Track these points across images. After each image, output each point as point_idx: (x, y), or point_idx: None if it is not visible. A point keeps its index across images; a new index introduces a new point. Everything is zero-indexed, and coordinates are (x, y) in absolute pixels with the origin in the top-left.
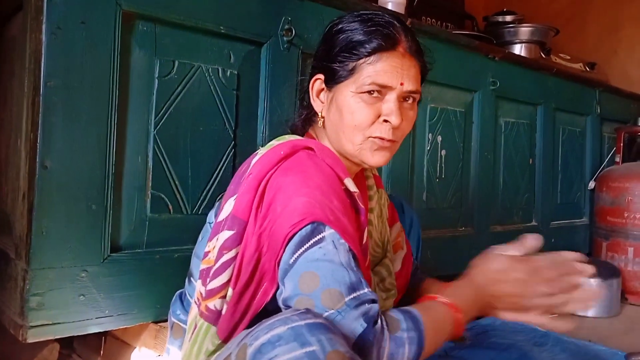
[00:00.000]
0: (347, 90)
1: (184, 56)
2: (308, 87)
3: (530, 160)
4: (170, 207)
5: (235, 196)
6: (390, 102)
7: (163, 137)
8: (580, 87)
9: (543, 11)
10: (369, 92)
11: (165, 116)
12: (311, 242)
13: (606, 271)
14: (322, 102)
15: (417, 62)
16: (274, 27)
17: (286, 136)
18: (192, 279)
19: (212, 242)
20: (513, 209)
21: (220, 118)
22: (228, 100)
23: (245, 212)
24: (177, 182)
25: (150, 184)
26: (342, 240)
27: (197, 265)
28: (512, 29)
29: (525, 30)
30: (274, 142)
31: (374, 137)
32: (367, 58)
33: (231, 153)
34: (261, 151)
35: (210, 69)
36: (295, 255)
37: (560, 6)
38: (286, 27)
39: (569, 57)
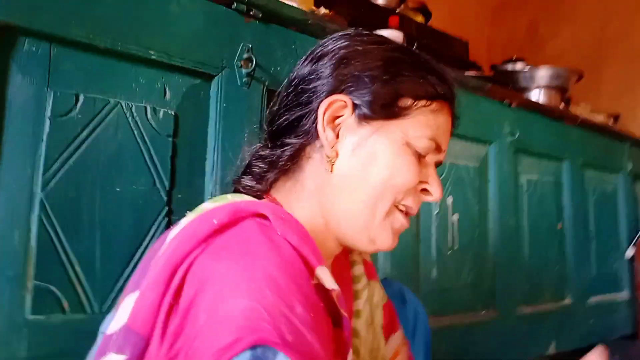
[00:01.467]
0: (396, 134)
1: (93, 88)
2: (297, 109)
3: (559, 225)
4: (66, 304)
5: (136, 293)
6: (432, 169)
7: (56, 202)
8: (608, 141)
9: (552, 64)
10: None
11: (61, 172)
12: None
13: None
14: (337, 138)
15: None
16: (229, 56)
17: (227, 195)
18: None
19: None
20: (543, 284)
21: (147, 174)
22: (160, 150)
23: (145, 322)
24: (76, 267)
25: (32, 272)
26: None
27: None
28: (527, 73)
29: (544, 74)
30: (207, 205)
31: (402, 209)
32: (431, 103)
33: (163, 223)
34: (185, 219)
35: (133, 108)
36: None
37: (573, 58)
38: (245, 56)
39: (590, 108)
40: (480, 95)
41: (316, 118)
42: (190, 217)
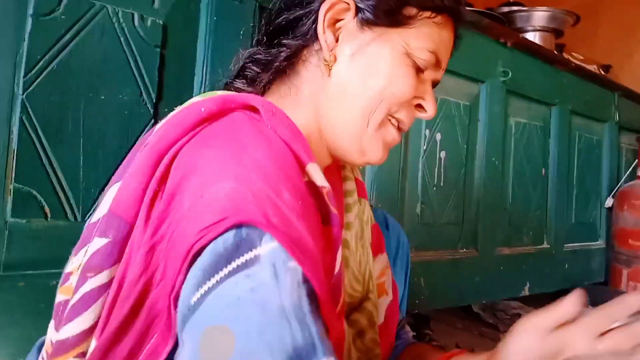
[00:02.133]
0: (397, 43)
1: None
2: (296, 9)
3: (543, 170)
4: (47, 209)
5: (119, 183)
6: (428, 85)
7: (38, 104)
8: (599, 90)
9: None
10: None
11: (44, 74)
12: (233, 264)
13: None
14: (337, 42)
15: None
16: None
17: (217, 92)
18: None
19: (77, 256)
20: (523, 227)
21: (133, 84)
22: (147, 60)
23: (129, 207)
24: (59, 174)
25: (12, 175)
26: (292, 263)
27: None
28: (524, 14)
29: (540, 15)
30: (196, 99)
31: (395, 121)
32: (436, 15)
33: None
34: (175, 111)
35: (120, 13)
36: (202, 290)
37: (570, 4)
38: None
39: (582, 57)
40: (476, 32)
41: (316, 19)
42: (177, 109)
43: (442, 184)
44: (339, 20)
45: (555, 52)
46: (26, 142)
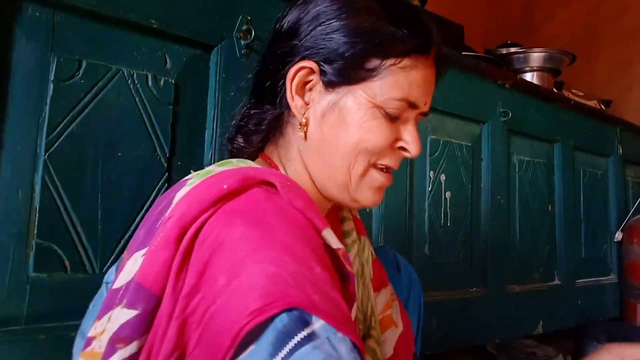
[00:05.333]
0: (363, 98)
1: (95, 55)
2: (273, 75)
3: (550, 206)
4: (67, 263)
5: (144, 250)
6: (410, 125)
7: (59, 163)
8: (600, 125)
9: (546, 47)
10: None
11: (64, 135)
12: (297, 338)
13: None
14: (307, 104)
15: (438, 74)
16: (228, 27)
17: (232, 160)
18: None
19: (101, 320)
20: (532, 264)
21: (148, 141)
22: (161, 117)
23: (157, 280)
24: (78, 228)
25: (35, 231)
26: (340, 334)
27: (80, 347)
28: (522, 55)
29: (537, 56)
30: (213, 168)
31: (380, 168)
32: (400, 60)
33: (163, 189)
34: (192, 180)
35: (135, 75)
36: (278, 358)
37: (566, 42)
38: (244, 27)
39: (582, 94)
40: (475, 75)
41: (285, 85)
42: (196, 179)
43: (449, 224)
44: (307, 82)
45: (554, 90)
46: (48, 200)
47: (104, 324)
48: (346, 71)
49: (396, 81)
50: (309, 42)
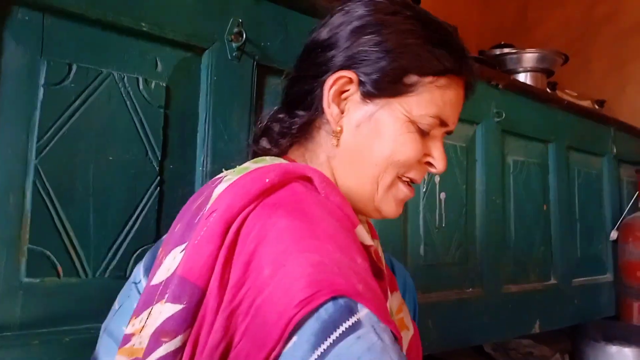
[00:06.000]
0: (399, 112)
1: (85, 58)
2: (308, 82)
3: (545, 206)
4: (60, 268)
5: (184, 245)
6: (438, 142)
7: (50, 168)
8: (594, 125)
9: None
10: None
11: (55, 139)
12: (342, 327)
13: None
14: (342, 112)
15: (465, 96)
16: (219, 30)
17: (266, 157)
18: None
19: (140, 317)
20: (528, 264)
21: (139, 144)
22: (152, 120)
23: (202, 274)
24: (70, 233)
25: (27, 236)
26: (383, 324)
27: (110, 350)
28: (515, 56)
29: (530, 57)
30: (249, 165)
31: (406, 180)
32: (437, 79)
33: (155, 192)
34: (229, 177)
35: (126, 78)
36: (319, 351)
37: (560, 42)
38: (235, 30)
39: (575, 94)
40: None
41: (322, 92)
42: (232, 175)
43: (443, 225)
44: (343, 92)
45: (547, 90)
46: (39, 205)
47: (144, 320)
48: (385, 84)
49: (432, 98)
50: (349, 52)
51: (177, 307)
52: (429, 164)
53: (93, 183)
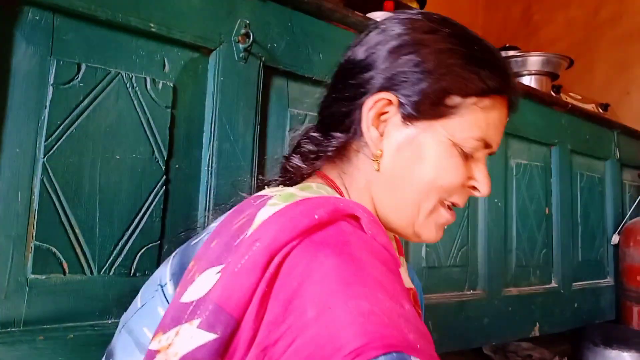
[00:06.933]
0: (442, 135)
1: (94, 58)
2: (345, 104)
3: (547, 209)
4: (65, 265)
5: (220, 267)
6: (481, 164)
7: (58, 166)
8: (597, 128)
9: (545, 50)
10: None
11: (63, 138)
12: None
13: None
14: (382, 136)
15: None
16: (226, 31)
17: (312, 185)
18: None
19: (167, 334)
20: (529, 267)
21: (146, 144)
22: (159, 120)
23: (240, 305)
24: (77, 230)
25: (34, 233)
26: None
27: (127, 347)
28: (519, 59)
29: (535, 60)
30: (295, 191)
31: (447, 205)
32: (481, 99)
33: (161, 191)
34: (273, 201)
35: (134, 78)
36: None
37: (565, 45)
38: (242, 31)
39: (580, 97)
40: None
41: (361, 115)
42: (279, 200)
43: (445, 227)
44: (383, 114)
45: (552, 93)
46: (46, 202)
47: (171, 338)
48: (426, 106)
49: (476, 120)
50: (387, 74)
51: (211, 336)
52: (473, 187)
53: (100, 181)
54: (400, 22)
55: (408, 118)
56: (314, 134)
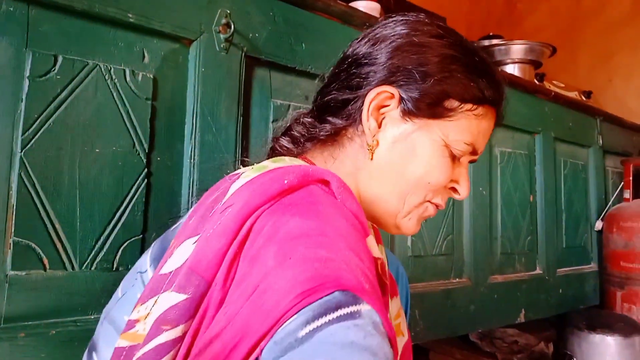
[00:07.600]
0: (437, 135)
1: (72, 50)
2: (347, 93)
3: (531, 197)
4: (46, 260)
5: (196, 237)
6: (464, 169)
7: (36, 160)
8: (580, 116)
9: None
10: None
11: (41, 131)
12: (341, 311)
13: (626, 327)
14: (379, 127)
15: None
16: (207, 21)
17: (285, 158)
18: (94, 354)
19: (146, 304)
20: (514, 254)
21: (127, 136)
22: (139, 113)
23: (210, 267)
24: (57, 225)
25: (12, 229)
26: (382, 328)
27: (109, 337)
28: (503, 47)
29: (518, 49)
30: (267, 164)
31: (432, 203)
32: (476, 107)
33: (143, 184)
34: (247, 173)
35: (113, 70)
36: (312, 326)
37: (549, 34)
38: (223, 21)
39: (563, 85)
40: None
41: (362, 104)
42: (251, 172)
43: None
44: (382, 107)
45: (535, 81)
46: (25, 197)
47: (149, 308)
48: (426, 105)
49: (469, 126)
50: (391, 69)
51: (181, 297)
52: (454, 189)
53: (79, 175)
54: (406, 23)
55: (407, 114)
56: (307, 119)
